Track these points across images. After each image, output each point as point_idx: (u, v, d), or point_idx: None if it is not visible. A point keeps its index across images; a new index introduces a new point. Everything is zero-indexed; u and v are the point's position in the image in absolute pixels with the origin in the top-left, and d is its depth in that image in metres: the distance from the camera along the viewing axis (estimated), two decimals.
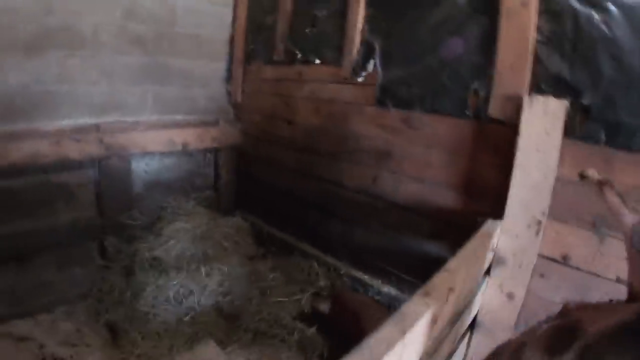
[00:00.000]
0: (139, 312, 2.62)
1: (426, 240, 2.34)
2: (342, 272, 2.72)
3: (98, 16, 2.78)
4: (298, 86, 2.97)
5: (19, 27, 2.50)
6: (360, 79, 2.56)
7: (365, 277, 2.62)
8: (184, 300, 2.70)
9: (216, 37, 3.42)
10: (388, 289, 2.52)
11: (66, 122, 2.77)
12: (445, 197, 2.24)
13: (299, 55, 2.98)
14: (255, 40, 3.36)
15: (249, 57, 3.43)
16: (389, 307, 2.44)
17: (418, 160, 2.32)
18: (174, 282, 2.70)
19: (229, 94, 3.52)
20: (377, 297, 2.51)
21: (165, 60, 3.14)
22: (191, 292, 2.72)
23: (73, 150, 2.70)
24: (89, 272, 2.99)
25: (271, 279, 2.84)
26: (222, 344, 2.48)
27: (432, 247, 2.32)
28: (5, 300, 2.72)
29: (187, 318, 2.64)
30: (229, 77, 3.51)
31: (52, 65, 2.67)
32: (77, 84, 2.79)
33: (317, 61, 2.86)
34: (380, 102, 2.46)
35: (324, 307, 2.57)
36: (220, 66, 3.49)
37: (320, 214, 2.93)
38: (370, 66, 2.50)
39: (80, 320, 2.80)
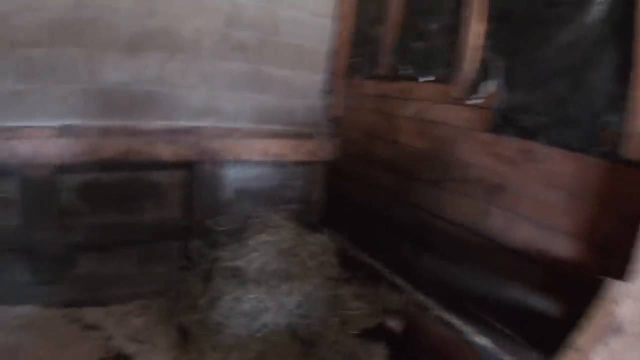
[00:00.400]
0: (212, 320, 2.53)
1: (534, 291, 2.03)
2: (433, 313, 2.47)
3: (200, 21, 2.81)
4: (402, 104, 2.78)
5: (120, 27, 2.58)
6: (474, 101, 2.31)
7: (457, 322, 2.35)
8: (259, 315, 2.57)
9: (318, 49, 3.35)
10: (481, 340, 2.23)
11: (162, 123, 2.81)
12: (562, 246, 1.92)
13: (405, 71, 2.79)
14: (358, 54, 3.23)
15: (351, 71, 3.30)
16: None
17: (535, 199, 2.03)
18: (252, 296, 2.59)
19: (327, 107, 3.41)
20: None
21: (266, 69, 3.12)
22: (267, 309, 2.59)
23: (166, 152, 2.73)
24: (169, 272, 3.00)
25: (354, 308, 2.64)
26: None
27: (540, 301, 2.01)
28: (82, 287, 2.79)
29: (259, 335, 2.52)
30: (329, 90, 3.39)
31: (151, 67, 2.72)
32: (176, 86, 2.83)
33: (425, 78, 2.64)
34: (497, 129, 2.19)
35: (394, 324, 2.32)
36: (320, 78, 3.40)
37: (415, 245, 2.69)
38: (488, 87, 2.25)
39: (152, 318, 2.79)
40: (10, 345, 2.23)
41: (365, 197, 3.06)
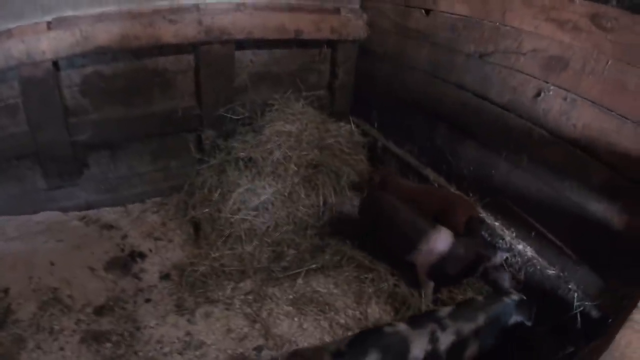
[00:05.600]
0: (224, 213, 2.46)
1: (593, 194, 1.69)
2: None
3: None
4: None
5: None
6: None
7: (497, 224, 2.07)
8: (271, 208, 2.49)
9: None
10: (523, 247, 1.94)
11: (162, 4, 2.44)
12: (634, 139, 1.53)
13: None
14: None
15: None
16: (519, 271, 1.89)
17: (607, 77, 1.60)
18: (266, 189, 2.49)
19: None
20: (507, 255, 1.93)
21: None
22: (283, 203, 2.50)
23: (168, 33, 2.40)
24: (184, 166, 2.86)
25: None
26: (304, 262, 2.31)
27: (598, 206, 1.68)
28: (98, 188, 2.70)
29: (272, 229, 2.46)
30: None
31: None
32: None
33: None
34: None
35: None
36: None
37: (452, 132, 2.35)
38: None
39: (168, 214, 2.75)
40: (25, 253, 2.18)
41: (399, 80, 2.69)
